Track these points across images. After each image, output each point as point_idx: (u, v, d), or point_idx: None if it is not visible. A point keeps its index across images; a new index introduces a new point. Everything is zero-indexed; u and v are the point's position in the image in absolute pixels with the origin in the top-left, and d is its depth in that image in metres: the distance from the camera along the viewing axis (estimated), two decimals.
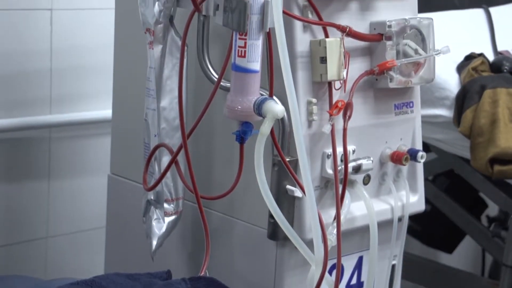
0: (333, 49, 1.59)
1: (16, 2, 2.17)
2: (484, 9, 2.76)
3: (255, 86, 1.48)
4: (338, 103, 1.61)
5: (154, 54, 1.64)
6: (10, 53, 2.19)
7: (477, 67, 2.33)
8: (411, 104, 1.78)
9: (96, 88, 2.32)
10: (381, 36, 1.67)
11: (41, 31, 2.22)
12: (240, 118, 1.48)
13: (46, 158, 2.30)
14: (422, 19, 1.70)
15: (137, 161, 1.78)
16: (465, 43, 2.49)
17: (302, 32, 1.60)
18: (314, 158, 1.64)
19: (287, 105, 1.47)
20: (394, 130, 1.76)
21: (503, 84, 2.24)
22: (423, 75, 1.72)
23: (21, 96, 2.23)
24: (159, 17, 1.61)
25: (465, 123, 2.23)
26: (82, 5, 2.27)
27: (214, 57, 1.64)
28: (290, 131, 1.57)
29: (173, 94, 1.64)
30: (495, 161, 2.19)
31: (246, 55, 1.45)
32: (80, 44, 2.28)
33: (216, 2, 1.51)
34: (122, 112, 1.92)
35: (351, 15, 1.65)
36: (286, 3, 1.55)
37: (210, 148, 1.74)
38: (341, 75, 1.61)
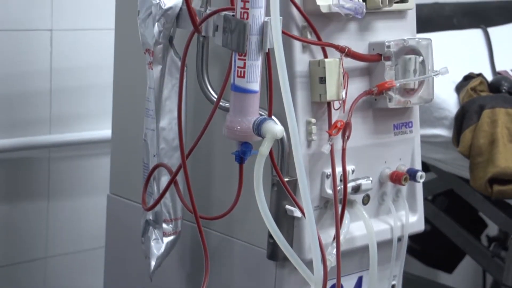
0: (332, 69, 1.60)
1: (16, 23, 2.18)
2: (483, 29, 2.77)
3: (255, 107, 1.48)
4: (337, 123, 1.61)
5: (153, 74, 1.64)
6: (10, 74, 2.20)
7: (476, 87, 2.34)
8: (410, 124, 1.78)
9: (96, 108, 2.32)
10: (380, 56, 1.67)
11: (41, 51, 2.22)
12: (239, 138, 1.48)
13: (46, 178, 2.30)
14: (420, 39, 1.71)
15: (136, 181, 1.78)
16: (464, 63, 2.50)
17: (301, 52, 1.60)
18: (313, 178, 1.64)
19: (286, 125, 1.47)
20: (393, 150, 1.77)
21: (501, 104, 2.24)
22: (422, 95, 1.72)
23: (20, 116, 2.23)
24: (158, 38, 1.61)
25: (464, 143, 2.23)
26: (82, 26, 2.28)
27: (213, 77, 1.64)
28: (289, 151, 1.57)
29: (172, 114, 1.65)
30: (494, 181, 2.19)
31: (245, 76, 1.46)
32: (80, 64, 2.29)
33: (216, 23, 1.51)
34: (121, 132, 1.92)
35: (350, 36, 1.66)
36: (285, 23, 1.56)
37: (209, 168, 1.74)
38: (340, 95, 1.61)
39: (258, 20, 1.44)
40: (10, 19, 2.17)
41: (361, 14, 1.59)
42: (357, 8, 1.59)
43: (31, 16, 2.20)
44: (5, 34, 2.17)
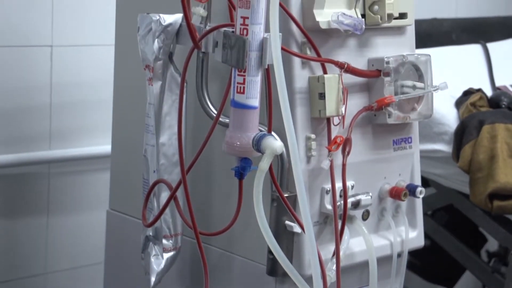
0: (331, 85, 1.60)
1: (16, 39, 2.19)
2: (482, 45, 2.78)
3: (254, 122, 1.48)
4: (336, 139, 1.61)
5: (153, 90, 1.64)
6: (10, 89, 2.20)
7: (475, 103, 2.34)
8: (410, 140, 1.79)
9: (96, 123, 2.33)
10: (379, 72, 1.68)
11: (41, 67, 2.23)
12: (239, 154, 1.49)
13: (45, 194, 2.30)
14: (419, 55, 1.71)
15: (136, 197, 1.78)
16: (463, 79, 2.50)
17: (300, 68, 1.61)
18: (313, 193, 1.64)
19: (286, 141, 1.47)
20: (393, 165, 1.77)
21: (501, 120, 2.25)
22: (421, 111, 1.73)
23: (20, 132, 2.23)
24: (158, 54, 1.62)
25: (464, 158, 2.23)
26: (82, 41, 2.28)
27: (213, 93, 1.65)
28: (289, 167, 1.57)
29: (172, 130, 1.65)
30: (494, 196, 2.19)
31: (245, 92, 1.46)
32: (80, 80, 2.29)
33: (215, 39, 1.52)
34: (121, 147, 1.92)
35: (349, 52, 1.67)
36: (285, 39, 1.56)
37: (209, 183, 1.74)
38: (339, 111, 1.61)
39: (258, 36, 1.44)
40: (10, 34, 2.18)
41: (360, 30, 1.60)
42: (356, 24, 1.59)
43: (31, 32, 2.20)
44: (6, 49, 2.18)
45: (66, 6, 2.24)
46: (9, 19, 2.17)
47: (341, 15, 1.60)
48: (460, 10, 3.16)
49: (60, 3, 2.23)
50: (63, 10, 2.23)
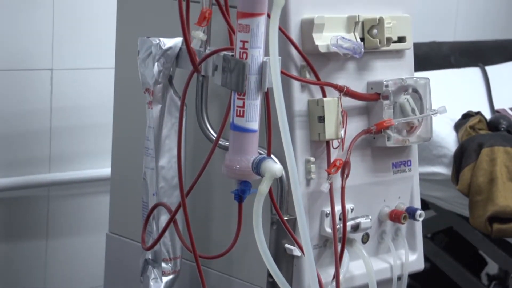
0: (330, 108, 1.60)
1: (17, 63, 2.20)
2: (480, 68, 2.78)
3: (254, 145, 1.48)
4: (336, 162, 1.61)
5: (153, 113, 1.65)
6: (10, 112, 2.20)
7: (474, 125, 2.35)
8: (409, 163, 1.79)
9: (96, 146, 2.33)
10: (378, 95, 1.68)
11: (41, 90, 2.23)
12: (238, 177, 1.49)
13: (45, 217, 2.30)
14: (418, 78, 1.72)
15: (135, 220, 1.78)
16: (462, 102, 2.51)
17: (300, 91, 1.61)
18: (312, 216, 1.64)
19: (285, 164, 1.47)
20: (392, 188, 1.77)
21: (500, 143, 2.25)
22: (420, 134, 1.73)
23: (20, 155, 2.23)
24: (158, 77, 1.62)
25: (464, 181, 2.24)
26: (82, 65, 2.29)
27: (212, 116, 1.65)
28: (288, 190, 1.57)
29: (171, 153, 1.65)
30: (494, 219, 2.19)
31: (244, 115, 1.46)
32: (80, 103, 2.30)
33: (215, 62, 1.52)
34: (121, 171, 1.92)
35: (348, 75, 1.67)
36: (284, 63, 1.57)
37: (209, 207, 1.74)
38: (339, 134, 1.61)
39: (257, 60, 1.45)
40: (11, 58, 2.18)
41: (359, 54, 1.60)
42: (355, 47, 1.60)
43: (31, 55, 2.21)
44: (6, 73, 2.18)
45: (66, 30, 2.25)
46: (9, 43, 2.17)
47: (340, 39, 1.60)
48: (459, 33, 3.17)
49: (60, 27, 2.24)
50: (63, 34, 2.24)
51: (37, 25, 2.21)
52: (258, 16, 1.43)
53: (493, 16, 3.28)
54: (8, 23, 2.17)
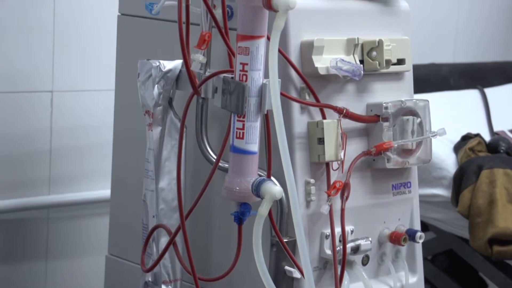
0: (330, 130, 1.61)
1: (17, 85, 2.20)
2: (479, 90, 2.79)
3: (253, 167, 1.48)
4: (336, 184, 1.61)
5: (153, 135, 1.65)
6: (10, 134, 2.21)
7: (474, 147, 2.35)
8: (409, 184, 1.79)
9: (95, 168, 2.33)
10: (377, 117, 1.69)
11: (41, 112, 2.24)
12: (238, 199, 1.49)
13: (44, 239, 2.29)
14: (418, 100, 1.72)
15: (135, 242, 1.78)
16: (461, 124, 2.52)
17: (299, 113, 1.62)
18: (312, 238, 1.63)
19: (285, 186, 1.47)
20: (392, 210, 1.77)
21: (500, 165, 2.25)
22: (420, 156, 1.73)
23: (20, 177, 2.23)
24: (158, 100, 1.63)
25: (463, 203, 2.24)
26: (83, 87, 2.30)
27: (212, 138, 1.65)
28: (288, 212, 1.57)
29: (171, 175, 1.65)
30: (494, 241, 2.19)
31: (244, 137, 1.46)
32: (80, 125, 2.30)
33: (215, 84, 1.53)
34: (120, 192, 1.92)
35: (348, 97, 1.68)
36: (284, 85, 1.57)
37: (209, 228, 1.74)
38: (338, 155, 1.62)
39: (257, 82, 1.45)
40: (11, 80, 2.19)
41: (358, 76, 1.61)
42: (355, 70, 1.60)
43: (32, 77, 2.22)
44: (6, 95, 2.19)
45: (67, 51, 2.26)
46: (9, 65, 2.18)
47: (340, 61, 1.61)
48: (458, 55, 3.18)
49: (61, 49, 2.24)
50: (64, 56, 2.25)
51: (38, 47, 2.22)
52: (258, 38, 1.44)
53: (492, 38, 3.29)
54: (9, 45, 2.18)
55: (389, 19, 1.74)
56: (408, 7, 1.78)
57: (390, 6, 1.75)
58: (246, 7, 1.43)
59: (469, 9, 3.20)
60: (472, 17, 3.21)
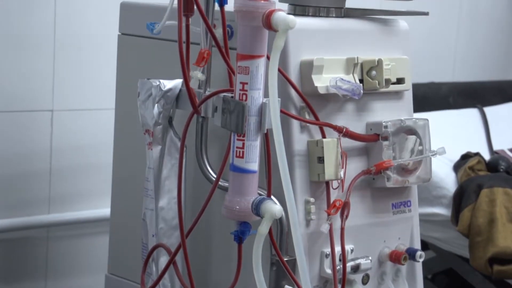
0: (330, 149, 1.61)
1: (17, 104, 2.20)
2: (479, 109, 2.80)
3: (253, 186, 1.48)
4: (335, 203, 1.61)
5: (153, 154, 1.65)
6: (9, 153, 2.21)
7: (473, 166, 2.36)
8: (409, 203, 1.79)
9: (95, 187, 2.33)
10: (377, 136, 1.69)
11: (41, 131, 2.24)
12: (238, 218, 1.49)
13: (44, 258, 2.29)
14: (417, 119, 1.73)
15: (135, 261, 1.78)
16: (461, 142, 2.52)
17: (299, 132, 1.62)
18: (312, 257, 1.63)
19: (285, 205, 1.47)
20: (392, 229, 1.76)
21: (499, 184, 2.26)
22: (420, 175, 1.73)
23: (20, 196, 2.23)
24: (158, 119, 1.63)
25: (463, 222, 2.24)
26: (83, 106, 2.30)
27: (212, 157, 1.65)
28: (288, 231, 1.57)
29: (171, 194, 1.65)
30: (494, 260, 2.19)
31: (244, 156, 1.47)
32: (80, 144, 2.30)
33: (215, 104, 1.53)
34: (120, 211, 1.92)
35: (347, 116, 1.68)
36: (284, 104, 1.58)
37: (208, 248, 1.74)
38: (338, 174, 1.62)
39: (257, 101, 1.46)
40: (11, 100, 2.19)
41: (358, 95, 1.61)
42: (354, 89, 1.61)
43: (32, 97, 2.22)
44: (7, 115, 2.19)
45: (68, 70, 2.26)
46: (10, 85, 2.19)
47: (339, 80, 1.61)
48: (457, 74, 3.19)
49: (61, 68, 2.25)
50: (64, 75, 2.26)
51: (38, 66, 2.22)
52: (258, 58, 1.44)
53: (491, 57, 3.30)
54: (9, 64, 2.18)
55: (389, 38, 1.75)
56: (407, 27, 1.78)
57: (389, 26, 1.76)
58: (246, 26, 1.43)
59: (468, 28, 3.21)
60: (471, 36, 3.23)
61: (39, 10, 2.20)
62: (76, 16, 2.26)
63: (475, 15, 3.23)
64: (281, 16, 1.40)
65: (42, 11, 2.21)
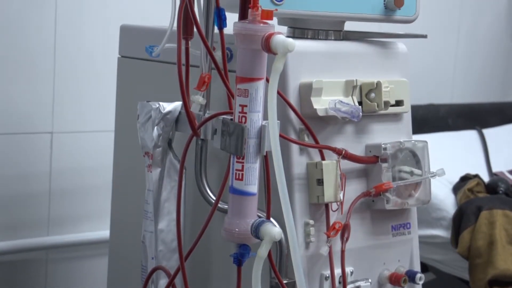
0: (329, 171, 1.61)
1: (17, 126, 2.21)
2: (478, 131, 2.80)
3: (253, 209, 1.48)
4: (335, 225, 1.61)
5: (152, 177, 1.65)
6: (9, 175, 2.21)
7: (473, 188, 2.36)
8: (408, 225, 1.79)
9: (94, 209, 2.33)
10: (376, 158, 1.69)
11: (41, 153, 2.24)
12: (237, 240, 1.48)
13: (43, 280, 2.28)
14: (416, 141, 1.73)
15: (134, 284, 1.77)
16: (460, 164, 2.52)
17: (298, 154, 1.62)
18: (312, 280, 1.63)
19: (284, 227, 1.47)
20: (392, 251, 1.76)
21: (499, 206, 2.25)
22: (419, 196, 1.73)
23: (18, 218, 2.23)
24: (158, 141, 1.63)
25: (463, 244, 2.23)
26: (82, 128, 2.30)
27: (212, 179, 1.65)
28: (287, 253, 1.57)
29: (170, 216, 1.65)
30: (494, 282, 2.18)
31: (243, 178, 1.46)
32: (80, 166, 2.31)
33: (214, 126, 1.53)
34: (119, 233, 1.91)
35: (346, 138, 1.68)
36: (283, 126, 1.58)
37: (208, 270, 1.73)
38: (338, 197, 1.62)
39: (256, 123, 1.46)
40: (12, 122, 2.20)
41: (357, 118, 1.62)
42: (354, 111, 1.61)
43: (32, 119, 2.22)
44: (6, 137, 2.19)
45: (67, 92, 2.27)
46: (10, 107, 2.19)
47: (338, 103, 1.62)
48: (456, 96, 3.20)
49: (61, 90, 2.26)
50: (64, 97, 2.26)
51: (38, 88, 2.23)
52: (257, 81, 1.44)
53: (490, 79, 3.31)
54: (9, 86, 2.19)
55: (387, 61, 1.75)
56: (406, 49, 1.79)
57: (388, 49, 1.76)
58: (245, 49, 1.44)
59: (467, 50, 3.22)
60: (470, 58, 3.24)
61: (39, 32, 2.21)
62: (76, 38, 2.27)
63: (473, 37, 3.24)
64: (280, 39, 1.40)
65: (42, 33, 2.22)
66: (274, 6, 1.61)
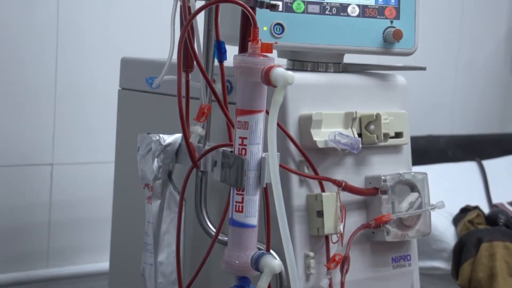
0: (329, 203, 1.61)
1: (17, 158, 2.21)
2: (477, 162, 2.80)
3: (253, 241, 1.48)
4: (335, 257, 1.61)
5: (152, 209, 1.65)
6: (9, 208, 2.21)
7: (473, 220, 2.35)
8: (409, 257, 1.78)
9: (94, 241, 2.32)
10: (376, 190, 1.69)
11: (41, 185, 2.24)
12: (237, 273, 1.48)
13: None
14: (416, 173, 1.73)
15: None
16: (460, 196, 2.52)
17: (298, 186, 1.62)
18: None
19: (284, 259, 1.47)
20: (392, 283, 1.76)
21: (499, 237, 2.25)
22: (419, 228, 1.73)
23: (18, 250, 2.22)
24: (158, 173, 1.63)
25: (464, 276, 2.22)
26: (83, 159, 2.30)
27: (211, 211, 1.65)
28: (288, 285, 1.56)
29: (170, 248, 1.65)
30: None
31: (243, 210, 1.46)
32: (79, 197, 2.30)
33: (214, 158, 1.54)
34: (119, 265, 1.91)
35: (346, 170, 1.68)
36: (283, 158, 1.58)
37: None
38: (338, 228, 1.62)
39: (256, 156, 1.46)
40: (12, 154, 2.20)
41: (357, 149, 1.62)
42: (353, 143, 1.62)
43: (32, 151, 2.23)
44: (6, 169, 2.19)
45: (68, 124, 2.27)
46: (10, 138, 2.19)
47: (338, 135, 1.62)
48: (456, 127, 3.21)
49: (61, 122, 2.26)
50: (64, 129, 2.27)
51: (39, 120, 2.23)
52: (257, 113, 1.45)
53: (489, 110, 3.32)
54: (9, 118, 2.19)
55: (387, 93, 1.76)
56: (405, 82, 1.80)
57: (387, 81, 1.77)
58: (245, 82, 1.45)
59: (466, 81, 3.24)
60: (469, 89, 3.25)
61: (40, 64, 2.22)
62: (77, 70, 2.28)
63: (472, 68, 3.25)
64: (280, 72, 1.41)
65: (43, 64, 2.23)
66: (274, 39, 1.62)
